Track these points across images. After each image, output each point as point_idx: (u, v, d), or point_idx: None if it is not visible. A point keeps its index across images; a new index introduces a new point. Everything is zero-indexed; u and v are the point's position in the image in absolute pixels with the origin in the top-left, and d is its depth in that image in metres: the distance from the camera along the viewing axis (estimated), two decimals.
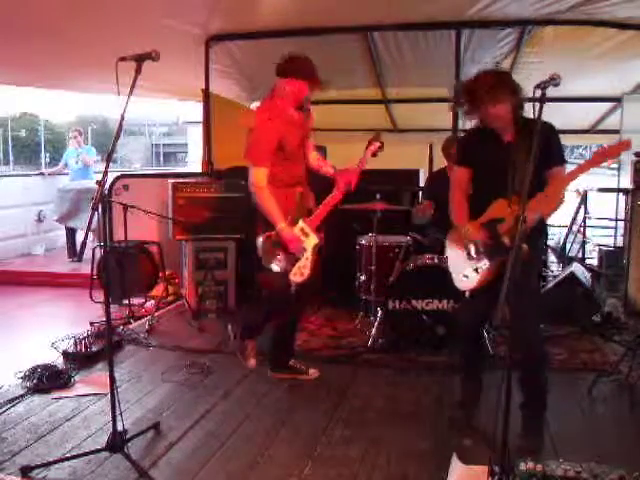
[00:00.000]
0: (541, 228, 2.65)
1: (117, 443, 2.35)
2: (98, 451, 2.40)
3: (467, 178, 2.76)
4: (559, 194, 2.51)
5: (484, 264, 2.63)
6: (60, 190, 7.41)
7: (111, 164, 2.42)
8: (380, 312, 4.01)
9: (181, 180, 4.92)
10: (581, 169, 2.45)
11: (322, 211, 3.21)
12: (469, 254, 2.67)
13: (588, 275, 4.83)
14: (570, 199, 5.57)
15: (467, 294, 2.74)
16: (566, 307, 4.29)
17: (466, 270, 2.70)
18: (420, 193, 5.10)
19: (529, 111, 2.48)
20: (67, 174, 7.93)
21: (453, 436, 2.64)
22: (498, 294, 1.97)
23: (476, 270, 2.65)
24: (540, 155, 2.27)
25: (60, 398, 3.08)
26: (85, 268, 5.71)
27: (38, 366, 3.33)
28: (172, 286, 5.16)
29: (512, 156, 2.50)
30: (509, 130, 2.61)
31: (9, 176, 10.35)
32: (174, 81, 6.21)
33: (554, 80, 2.13)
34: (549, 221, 2.76)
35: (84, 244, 2.63)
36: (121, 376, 3.35)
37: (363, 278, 4.33)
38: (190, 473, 2.36)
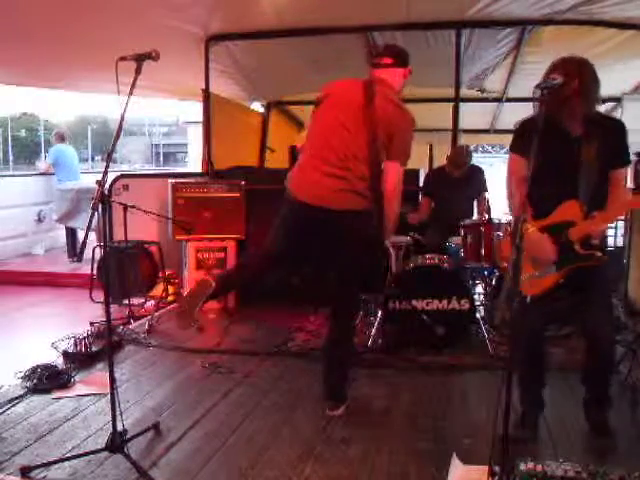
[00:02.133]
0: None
1: (117, 443, 2.35)
2: (98, 451, 2.40)
3: (526, 168, 2.45)
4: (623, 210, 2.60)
5: (550, 269, 2.44)
6: (60, 190, 7.41)
7: (111, 164, 2.42)
8: (380, 312, 4.01)
9: (181, 180, 4.93)
10: None
11: None
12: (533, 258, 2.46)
13: None
14: None
15: (529, 299, 2.50)
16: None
17: (531, 273, 2.48)
18: (420, 193, 5.11)
19: (529, 111, 2.47)
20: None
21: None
22: (564, 298, 1.92)
23: (542, 275, 2.46)
24: (608, 154, 2.20)
25: (60, 398, 3.08)
26: (85, 268, 5.70)
27: (38, 366, 3.33)
28: (172, 286, 5.16)
29: (582, 153, 2.35)
30: (579, 122, 2.40)
31: (9, 176, 10.35)
32: (174, 81, 6.21)
33: (554, 80, 2.13)
34: None
35: (84, 244, 2.62)
36: (121, 376, 3.35)
37: None
38: (190, 473, 2.36)
